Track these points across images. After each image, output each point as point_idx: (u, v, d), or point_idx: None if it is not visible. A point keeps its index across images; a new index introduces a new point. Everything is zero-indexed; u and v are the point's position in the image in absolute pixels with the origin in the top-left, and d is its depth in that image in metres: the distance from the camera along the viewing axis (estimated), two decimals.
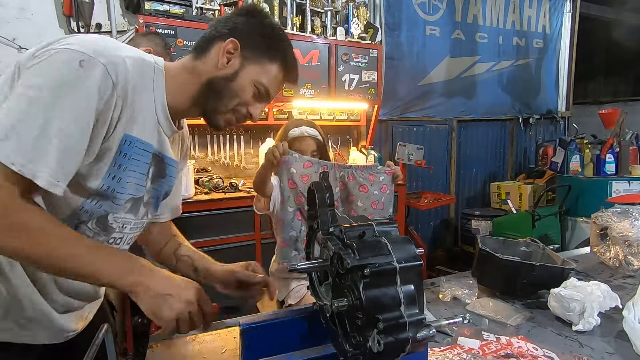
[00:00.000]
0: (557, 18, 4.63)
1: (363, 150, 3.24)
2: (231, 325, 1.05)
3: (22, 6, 2.39)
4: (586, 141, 3.71)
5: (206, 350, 0.95)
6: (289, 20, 2.79)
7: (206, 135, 2.85)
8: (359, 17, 3.06)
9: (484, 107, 4.24)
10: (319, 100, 2.92)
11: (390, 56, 3.56)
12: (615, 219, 1.46)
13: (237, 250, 2.42)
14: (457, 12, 3.95)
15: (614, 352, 0.94)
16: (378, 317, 0.54)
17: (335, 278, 0.64)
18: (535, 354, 0.91)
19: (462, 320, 0.63)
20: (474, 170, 4.39)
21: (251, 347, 0.74)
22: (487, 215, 3.75)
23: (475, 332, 1.01)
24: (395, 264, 0.57)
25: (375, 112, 3.30)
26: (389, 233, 0.65)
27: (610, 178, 3.40)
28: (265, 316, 0.77)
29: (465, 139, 4.25)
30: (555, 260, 1.28)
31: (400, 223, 3.06)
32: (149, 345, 0.98)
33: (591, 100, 6.16)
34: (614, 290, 1.11)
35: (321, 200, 0.71)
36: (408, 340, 0.54)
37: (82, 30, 2.45)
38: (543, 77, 4.63)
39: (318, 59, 2.86)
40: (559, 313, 1.08)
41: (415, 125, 3.90)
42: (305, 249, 0.82)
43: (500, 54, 4.27)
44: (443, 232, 4.25)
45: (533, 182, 4.02)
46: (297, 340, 0.77)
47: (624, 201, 2.82)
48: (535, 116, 4.57)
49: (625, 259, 1.42)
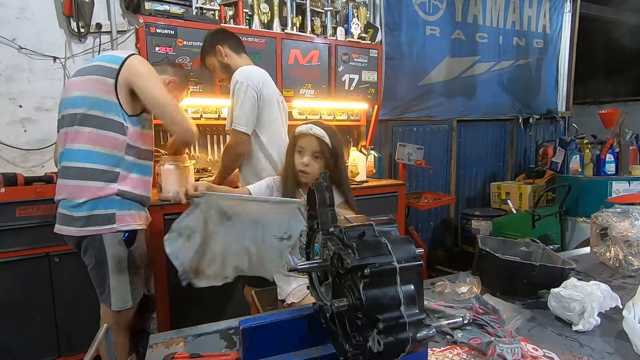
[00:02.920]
0: (557, 18, 4.63)
1: (363, 150, 3.24)
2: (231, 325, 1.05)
3: (22, 6, 2.39)
4: (586, 141, 3.71)
5: (206, 350, 0.95)
6: (289, 20, 2.79)
7: (206, 135, 2.85)
8: (359, 17, 3.06)
9: (484, 107, 4.24)
10: (319, 100, 2.92)
11: (390, 56, 3.56)
12: (615, 219, 1.46)
13: None
14: (457, 12, 3.95)
15: (614, 352, 0.94)
16: (378, 317, 0.54)
17: (335, 278, 0.64)
18: (535, 354, 0.91)
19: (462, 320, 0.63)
20: (474, 170, 4.38)
21: (251, 347, 0.74)
22: (487, 215, 3.75)
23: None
24: (395, 264, 0.57)
25: (375, 112, 3.30)
26: (389, 233, 0.65)
27: (610, 178, 3.40)
28: (265, 316, 0.77)
29: (465, 139, 4.25)
30: (555, 260, 1.28)
31: (400, 223, 3.06)
32: (149, 345, 0.98)
33: (591, 100, 6.16)
34: (614, 290, 1.11)
35: (321, 200, 0.72)
36: (408, 340, 0.54)
37: (82, 30, 2.46)
38: (543, 77, 4.63)
39: (318, 59, 2.86)
40: (559, 313, 1.08)
41: (415, 125, 3.90)
42: (305, 249, 0.82)
43: (500, 54, 4.27)
44: (443, 232, 4.25)
45: (533, 182, 4.02)
46: (297, 340, 0.77)
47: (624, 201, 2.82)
48: (535, 116, 4.57)
49: (625, 259, 1.42)
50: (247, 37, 2.58)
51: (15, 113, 2.43)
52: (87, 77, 1.60)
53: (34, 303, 2.06)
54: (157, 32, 2.33)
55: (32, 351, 2.08)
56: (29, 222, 1.98)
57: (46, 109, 2.48)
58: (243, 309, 2.17)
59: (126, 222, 1.63)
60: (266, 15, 2.73)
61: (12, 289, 2.01)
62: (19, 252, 2.00)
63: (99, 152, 1.57)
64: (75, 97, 1.59)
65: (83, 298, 2.04)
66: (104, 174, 1.57)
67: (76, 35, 2.48)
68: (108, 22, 2.56)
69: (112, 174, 1.59)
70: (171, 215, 2.22)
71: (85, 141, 1.56)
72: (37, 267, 2.04)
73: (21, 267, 2.01)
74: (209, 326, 1.07)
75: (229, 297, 2.39)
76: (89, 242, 1.62)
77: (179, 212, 2.20)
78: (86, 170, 1.56)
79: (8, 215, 1.96)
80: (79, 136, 1.56)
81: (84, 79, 1.60)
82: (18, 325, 2.04)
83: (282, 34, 2.73)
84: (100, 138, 1.56)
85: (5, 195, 1.95)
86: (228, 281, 1.17)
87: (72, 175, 1.57)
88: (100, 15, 2.54)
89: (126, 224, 1.63)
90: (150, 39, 2.31)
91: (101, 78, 1.57)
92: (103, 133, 1.56)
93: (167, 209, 2.21)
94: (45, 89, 2.46)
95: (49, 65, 2.47)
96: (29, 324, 2.06)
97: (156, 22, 2.32)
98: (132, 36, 2.63)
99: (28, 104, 2.45)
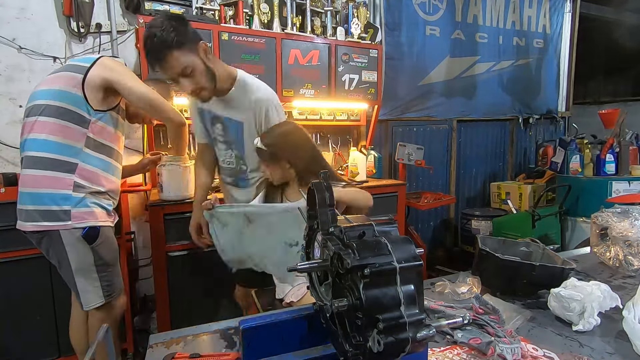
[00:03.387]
0: (557, 18, 4.63)
1: (363, 150, 3.25)
2: (231, 325, 1.05)
3: (22, 6, 2.39)
4: (586, 141, 3.71)
5: (206, 350, 0.95)
6: (289, 20, 2.79)
7: None
8: (359, 17, 3.06)
9: (484, 107, 4.24)
10: (319, 100, 2.92)
11: (390, 56, 3.56)
12: (615, 219, 1.46)
13: None
14: (457, 12, 3.95)
15: (614, 352, 0.94)
16: (378, 317, 0.54)
17: (335, 278, 0.64)
18: (535, 354, 0.91)
19: (462, 320, 0.63)
20: (474, 170, 4.38)
21: (251, 347, 0.74)
22: (487, 215, 3.75)
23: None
24: (395, 264, 0.57)
25: (375, 112, 3.30)
26: (389, 233, 0.65)
27: (610, 178, 3.40)
28: (265, 316, 0.77)
29: (465, 139, 4.25)
30: (555, 260, 1.28)
31: (400, 223, 3.06)
32: (149, 345, 0.98)
33: (591, 100, 6.15)
34: (614, 290, 1.11)
35: (321, 200, 0.71)
36: (408, 340, 0.54)
37: (82, 30, 2.46)
38: (543, 77, 4.63)
39: (318, 59, 2.86)
40: (559, 313, 1.08)
41: (415, 125, 3.90)
42: (305, 249, 0.82)
43: (500, 54, 4.27)
44: (443, 232, 4.25)
45: (533, 182, 4.02)
46: (297, 340, 0.77)
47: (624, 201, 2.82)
48: (535, 116, 4.57)
49: (625, 259, 1.42)
50: (247, 37, 2.58)
51: (15, 113, 2.43)
52: (58, 74, 1.65)
53: (34, 303, 2.06)
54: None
55: (32, 351, 2.08)
56: None
57: None
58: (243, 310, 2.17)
59: (83, 219, 1.59)
60: (266, 15, 2.73)
61: (12, 289, 2.01)
62: (19, 252, 2.00)
63: (57, 142, 1.58)
64: (42, 90, 1.63)
65: None
66: (61, 164, 1.58)
67: (76, 35, 2.48)
68: (108, 22, 2.56)
69: (70, 165, 1.59)
70: (171, 215, 2.22)
71: (45, 130, 1.57)
72: (37, 267, 2.04)
73: (21, 267, 2.01)
74: (208, 326, 1.07)
75: (228, 297, 2.39)
76: (48, 241, 1.61)
77: (179, 212, 2.23)
78: (44, 159, 1.57)
79: (8, 215, 1.96)
80: (39, 126, 1.58)
81: (55, 75, 1.65)
82: (18, 325, 2.04)
83: (282, 34, 2.73)
84: (60, 128, 1.58)
85: (5, 195, 1.95)
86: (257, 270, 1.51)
87: (31, 164, 1.58)
88: (100, 15, 2.54)
89: (83, 221, 1.59)
90: None
91: (70, 74, 1.61)
92: (63, 123, 1.58)
93: (167, 209, 2.21)
94: None
95: (49, 65, 2.47)
96: (29, 324, 2.06)
97: None
98: (132, 36, 2.63)
99: None
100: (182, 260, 2.28)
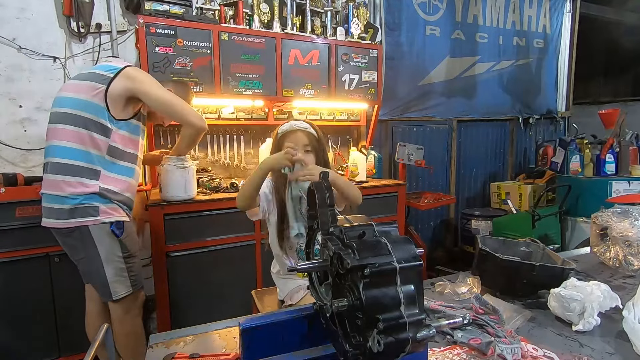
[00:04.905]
0: (557, 18, 4.63)
1: (363, 150, 3.24)
2: (231, 325, 1.05)
3: (22, 6, 2.39)
4: (586, 141, 3.71)
5: (206, 350, 0.95)
6: (289, 20, 2.79)
7: (206, 135, 2.85)
8: (359, 17, 3.06)
9: (484, 107, 4.23)
10: (319, 100, 2.92)
11: (390, 56, 3.56)
12: (615, 219, 1.46)
13: (237, 250, 2.42)
14: (457, 12, 3.95)
15: (614, 352, 0.94)
16: (378, 317, 0.54)
17: (335, 278, 0.64)
18: (535, 354, 0.91)
19: (462, 320, 0.63)
20: (474, 170, 4.38)
21: (251, 347, 0.74)
22: (487, 215, 3.75)
23: None
24: (395, 264, 0.57)
25: (375, 112, 3.30)
26: (389, 233, 0.65)
27: (610, 178, 3.40)
28: (265, 316, 0.77)
29: (465, 139, 4.25)
30: (555, 260, 1.28)
31: (400, 223, 3.06)
32: (149, 345, 0.98)
33: (591, 100, 6.15)
34: (614, 290, 1.11)
35: (321, 200, 0.71)
36: (408, 340, 0.54)
37: (82, 30, 2.46)
38: (543, 77, 4.62)
39: (318, 59, 2.86)
40: (559, 313, 1.08)
41: (415, 125, 3.90)
42: (305, 249, 0.82)
43: (500, 54, 4.27)
44: (443, 232, 4.25)
45: (533, 182, 4.02)
46: (297, 340, 0.77)
47: (624, 201, 2.82)
48: (535, 116, 4.57)
49: (625, 259, 1.42)
50: (247, 37, 2.58)
51: (15, 113, 2.43)
52: (82, 82, 1.69)
53: (34, 303, 2.06)
54: (157, 32, 2.33)
55: (32, 351, 2.08)
56: (28, 222, 1.98)
57: (46, 109, 2.47)
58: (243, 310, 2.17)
59: (110, 214, 1.68)
60: (266, 15, 2.73)
61: (12, 289, 2.01)
62: (19, 252, 2.00)
63: (80, 150, 1.63)
64: (65, 97, 1.68)
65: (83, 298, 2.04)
66: (85, 171, 1.64)
67: (76, 35, 2.48)
68: (108, 22, 2.56)
69: (93, 172, 1.65)
70: (171, 215, 2.23)
71: (68, 138, 1.63)
72: (37, 267, 2.04)
73: (21, 267, 2.01)
74: (208, 326, 1.07)
75: (228, 297, 2.39)
76: (77, 236, 1.66)
77: (179, 212, 2.24)
78: (66, 165, 1.63)
79: (8, 215, 1.96)
80: (63, 133, 1.64)
81: (79, 82, 1.70)
82: (18, 325, 2.04)
83: (282, 34, 2.73)
84: (83, 137, 1.63)
85: (5, 195, 1.95)
86: None
87: (54, 170, 1.64)
88: (100, 15, 2.54)
89: (110, 216, 1.68)
90: (150, 39, 2.31)
91: (93, 84, 1.66)
92: (85, 132, 1.63)
93: (167, 209, 2.21)
94: (45, 89, 2.46)
95: (49, 65, 2.47)
96: (29, 324, 2.06)
97: (156, 22, 2.32)
98: (132, 36, 2.63)
99: (28, 104, 2.45)
100: (182, 260, 2.28)
